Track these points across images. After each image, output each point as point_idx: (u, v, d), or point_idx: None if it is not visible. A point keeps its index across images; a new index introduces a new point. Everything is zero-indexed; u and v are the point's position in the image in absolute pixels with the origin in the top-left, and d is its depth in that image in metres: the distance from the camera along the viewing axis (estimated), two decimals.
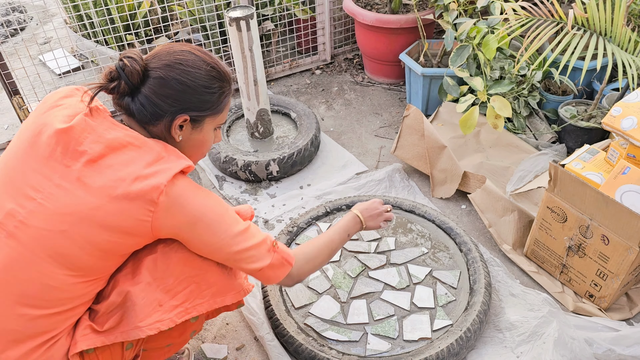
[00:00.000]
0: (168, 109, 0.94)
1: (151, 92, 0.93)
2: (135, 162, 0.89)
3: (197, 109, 0.96)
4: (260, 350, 1.35)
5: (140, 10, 2.22)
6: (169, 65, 0.93)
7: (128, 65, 0.91)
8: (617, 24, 1.67)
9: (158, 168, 0.89)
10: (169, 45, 0.98)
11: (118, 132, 0.91)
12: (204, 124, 0.99)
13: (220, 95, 0.99)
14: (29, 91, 2.34)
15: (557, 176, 1.36)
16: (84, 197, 0.87)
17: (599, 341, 1.29)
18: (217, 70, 0.98)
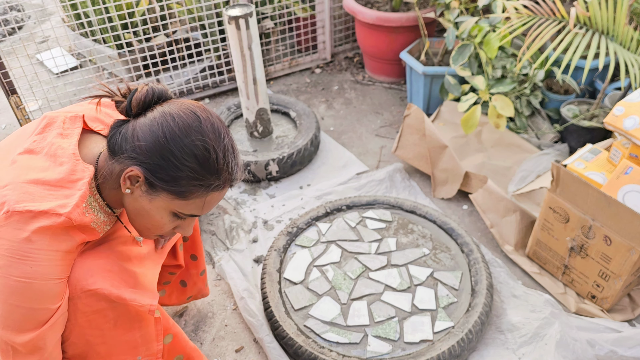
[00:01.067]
0: (129, 152, 0.81)
1: (133, 127, 0.82)
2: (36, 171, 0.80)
3: (154, 172, 0.80)
4: (259, 352, 1.34)
5: (139, 8, 2.21)
6: (164, 113, 0.81)
7: (139, 92, 0.83)
8: (619, 23, 1.65)
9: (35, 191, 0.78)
10: (198, 103, 0.86)
11: (63, 142, 0.84)
12: (157, 195, 0.83)
13: (192, 180, 0.81)
14: (26, 90, 2.33)
15: (560, 176, 1.35)
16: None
17: (601, 342, 1.28)
18: (207, 155, 0.81)
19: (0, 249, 0.76)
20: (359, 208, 1.71)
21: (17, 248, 0.75)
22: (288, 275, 1.47)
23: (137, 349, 0.93)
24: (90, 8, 2.15)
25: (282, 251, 1.53)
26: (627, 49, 1.68)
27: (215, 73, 2.45)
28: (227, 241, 1.66)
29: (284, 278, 1.47)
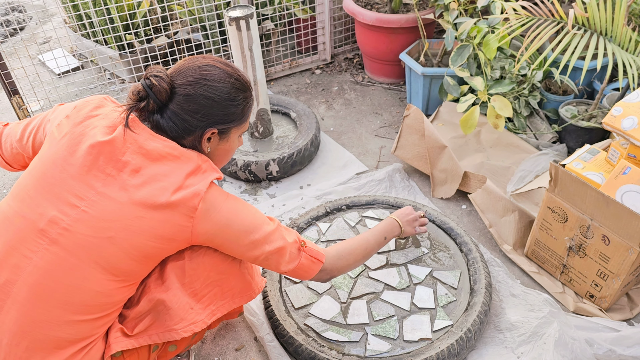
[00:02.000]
0: (197, 124, 0.97)
1: (179, 108, 0.95)
2: (176, 172, 0.94)
3: (224, 121, 1.00)
4: (260, 351, 1.35)
5: (140, 10, 2.22)
6: (195, 82, 0.96)
7: (156, 84, 0.93)
8: (618, 24, 1.66)
9: (196, 179, 0.95)
10: (192, 59, 1.00)
11: (157, 143, 0.95)
12: (230, 134, 1.03)
13: (244, 106, 1.02)
14: (28, 91, 2.34)
15: (558, 176, 1.35)
16: (129, 206, 0.90)
17: (600, 341, 1.28)
18: (240, 81, 1.01)
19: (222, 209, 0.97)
20: (358, 208, 1.71)
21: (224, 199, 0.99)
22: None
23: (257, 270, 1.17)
24: (91, 9, 2.16)
25: None
26: (625, 50, 1.69)
27: None
28: None
29: (284, 277, 1.48)
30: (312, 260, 1.11)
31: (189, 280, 1.03)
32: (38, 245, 0.89)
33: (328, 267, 1.15)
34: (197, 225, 0.95)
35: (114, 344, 0.97)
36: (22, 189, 0.94)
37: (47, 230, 0.89)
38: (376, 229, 1.32)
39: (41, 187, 0.92)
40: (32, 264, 0.89)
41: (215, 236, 0.98)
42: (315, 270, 1.12)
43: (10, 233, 0.91)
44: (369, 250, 1.26)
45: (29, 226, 0.90)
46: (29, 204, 0.91)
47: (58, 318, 0.90)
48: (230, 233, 0.99)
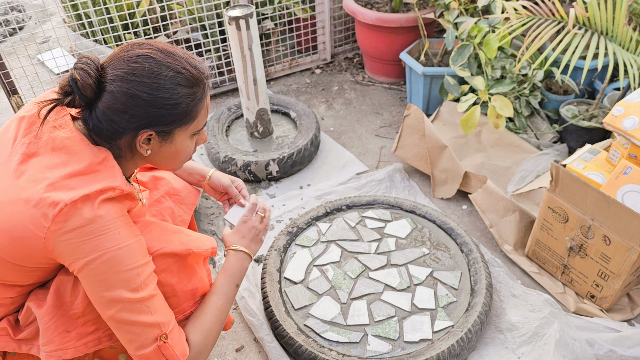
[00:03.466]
0: (126, 125, 0.83)
1: (106, 107, 0.82)
2: (60, 168, 0.81)
3: (159, 123, 0.85)
4: (260, 352, 1.34)
5: (139, 9, 2.21)
6: (122, 77, 0.82)
7: (79, 79, 0.81)
8: (619, 23, 1.66)
9: (76, 183, 0.80)
10: (128, 47, 0.85)
11: (61, 132, 0.84)
12: (174, 136, 0.89)
13: (189, 103, 0.86)
14: (27, 91, 2.33)
15: (559, 176, 1.35)
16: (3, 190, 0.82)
17: (601, 342, 1.28)
18: (183, 75, 0.85)
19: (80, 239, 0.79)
20: (358, 208, 1.71)
21: (94, 228, 0.80)
22: (288, 274, 1.48)
23: (196, 294, 1.00)
24: (91, 8, 2.15)
25: (282, 251, 1.54)
26: (626, 50, 1.69)
27: (216, 73, 2.46)
28: None
29: (284, 277, 1.47)
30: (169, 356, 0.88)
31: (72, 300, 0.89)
32: None
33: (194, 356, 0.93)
34: (49, 240, 0.78)
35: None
36: None
37: None
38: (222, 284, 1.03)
39: None
40: None
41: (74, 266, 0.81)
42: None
43: None
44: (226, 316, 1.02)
45: None
46: None
47: None
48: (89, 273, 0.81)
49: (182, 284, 0.96)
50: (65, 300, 0.90)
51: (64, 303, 0.90)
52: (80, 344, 0.90)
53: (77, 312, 0.89)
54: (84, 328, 0.90)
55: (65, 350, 0.89)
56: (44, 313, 0.89)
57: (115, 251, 0.81)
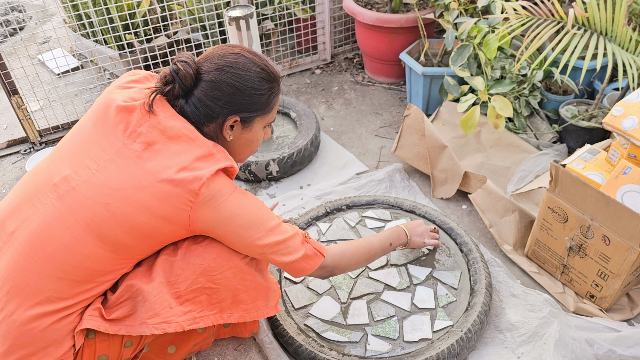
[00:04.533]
0: (220, 110, 0.97)
1: (203, 94, 0.96)
2: (186, 153, 0.93)
3: (247, 110, 1.00)
4: (259, 351, 1.34)
5: (140, 9, 2.22)
6: (219, 69, 0.96)
7: (182, 69, 0.95)
8: (618, 24, 1.66)
9: (204, 164, 0.93)
10: (221, 47, 1.01)
11: (175, 122, 0.95)
12: (253, 124, 1.03)
13: (269, 96, 1.02)
14: (27, 91, 2.34)
15: (558, 176, 1.35)
16: (133, 176, 0.91)
17: (600, 342, 1.28)
18: (266, 71, 1.01)
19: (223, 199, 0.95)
20: (358, 208, 1.71)
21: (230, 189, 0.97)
22: (288, 274, 1.48)
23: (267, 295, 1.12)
24: (91, 9, 2.16)
25: None
26: (625, 50, 1.69)
27: None
28: None
29: (284, 277, 1.48)
30: (315, 252, 1.09)
31: (175, 280, 0.99)
32: (47, 198, 0.93)
33: (329, 263, 1.13)
34: (195, 211, 0.93)
35: (86, 320, 0.95)
36: (56, 149, 1.00)
37: (58, 185, 0.93)
38: (382, 234, 1.31)
39: (69, 148, 0.97)
40: (37, 214, 0.92)
41: (216, 227, 0.97)
42: (317, 264, 1.10)
43: (31, 185, 0.96)
44: (372, 254, 1.25)
45: (47, 180, 0.94)
46: (55, 161, 0.97)
47: (41, 270, 0.91)
48: (233, 226, 0.97)
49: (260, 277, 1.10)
50: (170, 279, 0.99)
51: (169, 282, 0.99)
52: (181, 320, 0.99)
53: (178, 291, 0.99)
54: (182, 307, 0.99)
55: (169, 323, 0.97)
56: (153, 288, 0.97)
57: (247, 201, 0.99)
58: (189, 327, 1.00)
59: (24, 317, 0.90)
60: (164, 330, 0.96)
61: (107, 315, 0.98)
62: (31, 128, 2.09)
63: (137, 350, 1.06)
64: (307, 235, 1.10)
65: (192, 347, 1.17)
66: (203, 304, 1.02)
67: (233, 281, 1.04)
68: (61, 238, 0.91)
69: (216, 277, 1.02)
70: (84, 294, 0.95)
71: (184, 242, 1.02)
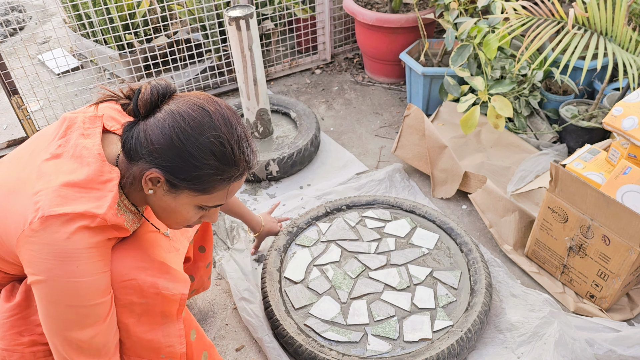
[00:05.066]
0: (146, 156, 0.82)
1: (144, 129, 0.82)
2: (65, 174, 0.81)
3: (173, 173, 0.82)
4: (260, 351, 1.34)
5: (140, 9, 2.22)
6: (172, 114, 0.81)
7: (143, 92, 0.82)
8: (618, 24, 1.66)
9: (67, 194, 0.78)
10: (203, 96, 0.85)
11: (85, 142, 0.85)
12: (180, 194, 0.85)
13: (211, 176, 0.83)
14: (27, 91, 2.34)
15: (558, 176, 1.35)
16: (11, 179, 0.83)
17: (600, 342, 1.28)
18: (223, 149, 0.82)
19: (41, 254, 0.77)
20: (358, 208, 1.71)
21: (59, 250, 0.77)
22: (288, 274, 1.48)
23: (159, 350, 0.94)
24: (91, 9, 2.16)
25: (282, 250, 1.54)
26: (625, 50, 1.69)
27: (216, 74, 2.46)
28: (228, 240, 1.67)
29: (284, 277, 1.48)
30: None
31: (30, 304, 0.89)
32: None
33: None
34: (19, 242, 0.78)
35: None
36: None
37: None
38: None
39: None
40: None
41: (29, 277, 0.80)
42: None
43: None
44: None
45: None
46: None
47: None
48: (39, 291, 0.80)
49: (140, 328, 0.92)
50: (33, 304, 0.88)
51: (30, 306, 0.89)
52: (29, 352, 0.89)
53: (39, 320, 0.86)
54: (40, 337, 0.89)
55: (12, 352, 0.88)
56: (8, 309, 0.89)
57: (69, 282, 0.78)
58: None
59: None
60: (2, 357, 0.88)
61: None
62: (31, 128, 2.09)
63: None
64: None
65: None
66: None
67: None
68: None
69: None
70: None
71: None
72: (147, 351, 0.94)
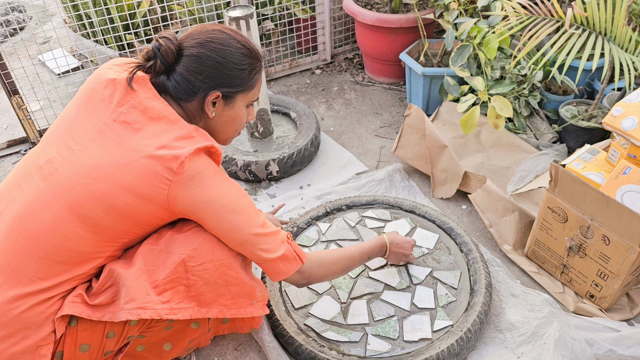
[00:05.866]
0: (201, 85, 0.97)
1: (185, 69, 0.96)
2: (166, 133, 0.93)
3: (228, 85, 0.99)
4: (259, 351, 1.35)
5: (140, 9, 2.22)
6: (200, 44, 0.96)
7: (163, 45, 0.95)
8: (618, 24, 1.66)
9: (185, 142, 0.93)
10: (202, 25, 1.01)
11: (157, 104, 0.95)
12: (235, 100, 1.03)
13: (250, 71, 1.01)
14: (28, 91, 2.34)
15: (558, 176, 1.35)
16: (112, 155, 0.91)
17: (600, 342, 1.28)
18: (247, 47, 1.01)
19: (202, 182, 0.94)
20: (358, 208, 1.71)
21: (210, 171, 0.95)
22: None
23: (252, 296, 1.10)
24: (91, 9, 2.16)
25: None
26: (625, 50, 1.69)
27: None
28: None
29: None
30: (294, 255, 1.07)
31: (154, 269, 0.97)
32: (32, 180, 0.94)
33: (307, 269, 1.10)
34: (174, 190, 0.92)
35: (67, 306, 0.94)
36: (45, 135, 1.01)
37: (43, 167, 0.94)
38: (362, 245, 1.27)
39: (55, 131, 0.99)
40: (22, 196, 0.93)
41: (194, 209, 0.95)
42: (294, 267, 1.07)
43: (20, 170, 0.99)
44: (351, 265, 1.23)
45: (34, 164, 0.96)
46: (44, 146, 0.98)
47: (23, 250, 0.91)
48: (212, 209, 0.96)
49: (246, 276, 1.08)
50: (150, 268, 0.98)
51: (148, 270, 0.98)
52: (159, 308, 0.97)
53: (156, 280, 0.97)
54: (159, 297, 0.98)
55: (145, 309, 0.95)
56: (131, 273, 0.96)
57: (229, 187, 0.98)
58: (167, 316, 0.97)
59: (5, 297, 0.90)
60: (139, 316, 0.94)
61: (90, 301, 0.96)
62: (31, 128, 2.09)
63: (121, 343, 1.03)
64: (290, 237, 1.09)
65: (188, 343, 1.16)
66: (181, 295, 1.00)
67: (213, 275, 1.01)
68: (43, 218, 0.91)
69: (195, 269, 0.99)
70: (65, 274, 0.94)
71: (168, 231, 1.01)
72: (245, 298, 1.08)
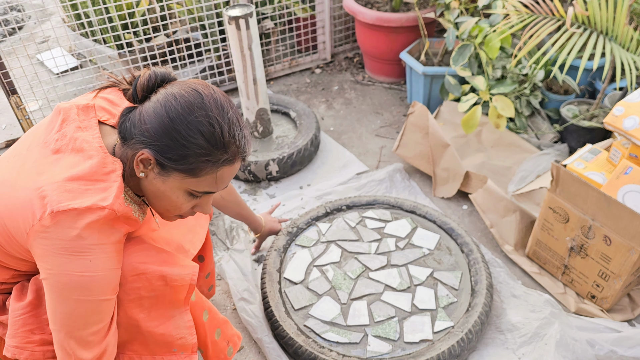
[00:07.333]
0: (139, 136, 0.82)
1: (139, 112, 0.83)
2: (69, 168, 0.81)
3: (162, 152, 0.81)
4: (259, 352, 1.34)
5: (139, 9, 2.21)
6: (166, 94, 0.82)
7: (142, 77, 0.84)
8: (619, 23, 1.65)
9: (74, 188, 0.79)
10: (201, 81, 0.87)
11: (84, 135, 0.85)
12: (169, 176, 0.84)
13: (200, 157, 0.82)
14: (26, 90, 2.33)
15: (559, 176, 1.35)
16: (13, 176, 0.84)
17: (601, 342, 1.28)
18: (211, 129, 0.81)
19: (54, 249, 0.78)
20: (358, 208, 1.71)
21: (71, 246, 0.78)
22: (288, 275, 1.47)
23: (172, 344, 0.95)
24: (90, 8, 2.15)
25: (282, 251, 1.54)
26: (626, 49, 1.68)
27: (216, 73, 2.45)
28: (227, 241, 1.66)
29: (284, 278, 1.47)
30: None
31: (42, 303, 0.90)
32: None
33: None
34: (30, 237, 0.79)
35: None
36: None
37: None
38: None
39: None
40: None
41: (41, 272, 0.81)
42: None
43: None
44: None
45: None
46: None
47: None
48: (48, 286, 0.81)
49: (151, 323, 0.92)
50: (44, 303, 0.89)
51: (41, 305, 0.90)
52: (39, 350, 0.89)
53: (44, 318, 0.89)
54: (50, 337, 0.88)
55: (22, 350, 0.88)
56: (19, 307, 0.89)
57: (82, 276, 0.79)
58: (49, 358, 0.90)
59: None
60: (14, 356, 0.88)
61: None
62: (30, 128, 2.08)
63: None
64: None
65: None
66: None
67: None
68: None
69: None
70: None
71: None
72: (159, 346, 0.94)
